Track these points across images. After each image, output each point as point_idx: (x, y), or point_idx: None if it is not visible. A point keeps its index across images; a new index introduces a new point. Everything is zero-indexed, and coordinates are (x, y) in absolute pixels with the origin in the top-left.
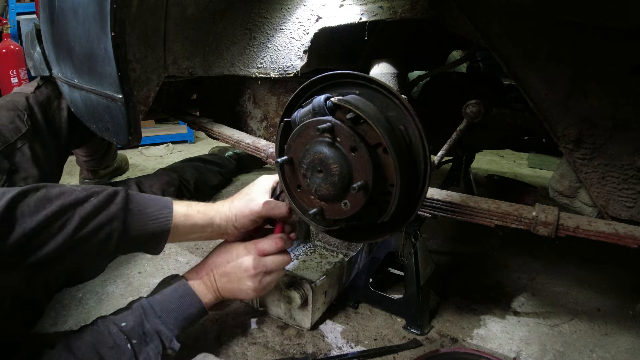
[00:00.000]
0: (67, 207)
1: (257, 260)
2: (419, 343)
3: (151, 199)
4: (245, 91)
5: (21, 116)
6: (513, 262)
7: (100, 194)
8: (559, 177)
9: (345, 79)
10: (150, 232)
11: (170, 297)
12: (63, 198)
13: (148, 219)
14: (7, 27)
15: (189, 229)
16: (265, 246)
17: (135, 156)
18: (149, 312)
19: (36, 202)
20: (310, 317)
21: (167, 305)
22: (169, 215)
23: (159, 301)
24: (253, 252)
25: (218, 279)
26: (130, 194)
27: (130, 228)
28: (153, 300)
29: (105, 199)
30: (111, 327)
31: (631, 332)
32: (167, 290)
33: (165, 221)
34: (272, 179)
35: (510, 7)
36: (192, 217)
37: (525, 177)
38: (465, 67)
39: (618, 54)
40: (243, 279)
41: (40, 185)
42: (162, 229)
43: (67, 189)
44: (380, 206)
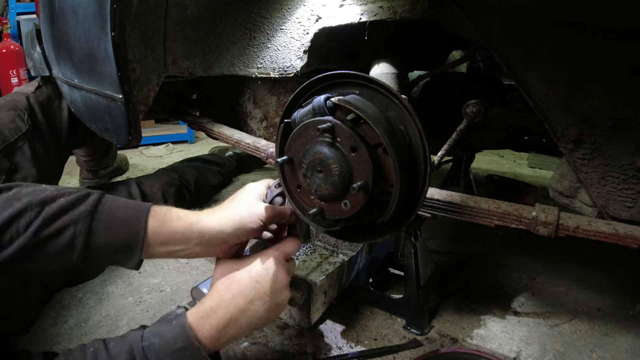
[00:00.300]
0: (33, 205)
1: (286, 266)
2: (419, 343)
3: (127, 203)
4: (245, 91)
5: (22, 116)
6: (513, 262)
7: (72, 194)
8: (559, 177)
9: (345, 79)
10: (120, 239)
11: (167, 349)
12: (31, 196)
13: (118, 224)
14: (7, 27)
15: (167, 238)
16: (289, 249)
17: (135, 156)
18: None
19: (5, 200)
20: (310, 317)
21: (163, 357)
22: (142, 221)
23: (155, 351)
24: (280, 259)
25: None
26: (105, 197)
27: (96, 232)
28: (149, 348)
29: (74, 200)
30: None
31: (631, 332)
32: (167, 336)
33: (136, 227)
34: (262, 185)
35: (510, 7)
36: (171, 224)
37: (525, 177)
38: (465, 67)
39: (618, 54)
40: (279, 291)
41: (14, 184)
42: (133, 236)
43: (39, 188)
44: (380, 206)
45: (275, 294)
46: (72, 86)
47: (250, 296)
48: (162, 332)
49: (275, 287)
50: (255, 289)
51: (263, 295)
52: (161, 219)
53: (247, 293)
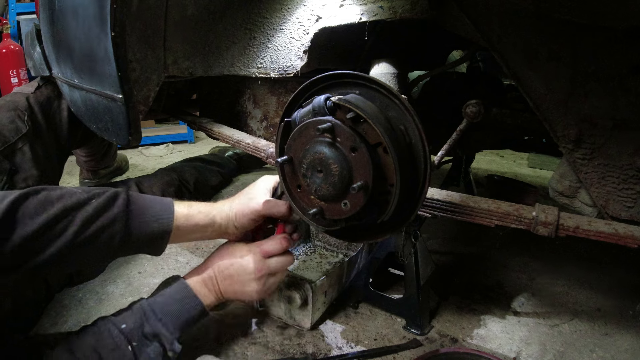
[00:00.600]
0: (68, 210)
1: (262, 262)
2: (419, 343)
3: (153, 200)
4: (245, 91)
5: (22, 116)
6: (513, 262)
7: (102, 195)
8: (559, 177)
9: (345, 79)
10: (152, 234)
11: (170, 299)
12: (64, 200)
13: (150, 221)
14: (7, 27)
15: (190, 229)
16: (270, 247)
17: (135, 156)
18: (149, 314)
19: (37, 205)
20: (310, 317)
21: (168, 308)
22: (171, 216)
23: (159, 303)
24: (257, 254)
25: (221, 282)
26: (132, 195)
27: (132, 230)
28: (154, 303)
29: (106, 201)
30: (111, 328)
31: (631, 332)
32: (168, 292)
33: (167, 222)
34: (274, 179)
35: (510, 7)
36: (194, 217)
37: (525, 177)
38: (465, 67)
39: (618, 54)
40: (247, 281)
41: (40, 187)
42: (163, 230)
43: (67, 191)
44: (380, 206)
45: (242, 281)
46: (72, 86)
47: (226, 272)
48: (163, 291)
49: (241, 275)
50: (229, 269)
51: (231, 275)
52: (185, 214)
53: (224, 268)
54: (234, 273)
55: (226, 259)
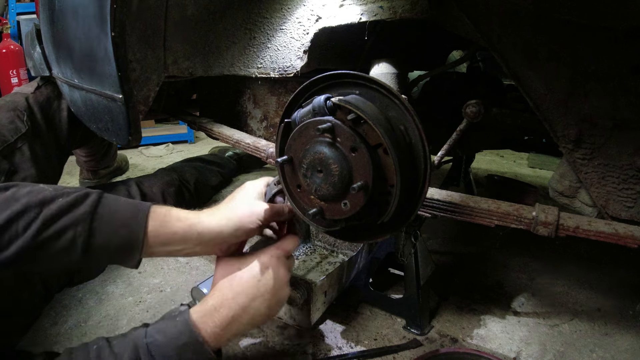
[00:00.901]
0: (31, 207)
1: (287, 262)
2: (419, 343)
3: (126, 203)
4: (245, 91)
5: (21, 116)
6: (513, 262)
7: (70, 195)
8: (559, 177)
9: (345, 79)
10: (121, 239)
11: (171, 344)
12: (29, 197)
13: (117, 225)
14: (7, 27)
15: (167, 238)
16: (289, 246)
17: (135, 156)
18: (145, 358)
19: (2, 201)
20: (310, 317)
21: (168, 353)
22: (142, 222)
23: (159, 346)
24: (278, 255)
25: (242, 313)
26: (104, 197)
27: (96, 233)
28: (152, 343)
29: (73, 201)
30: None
31: (631, 332)
32: (171, 333)
33: (136, 228)
34: (260, 184)
35: (510, 7)
36: (171, 225)
37: (525, 177)
38: (465, 67)
39: (618, 54)
40: (280, 287)
41: (13, 184)
42: (133, 236)
43: (36, 188)
44: (380, 206)
45: (277, 291)
46: (72, 86)
47: (252, 294)
48: (165, 328)
49: (276, 284)
50: (257, 287)
51: (264, 293)
52: (161, 219)
53: (249, 291)
54: (264, 290)
55: (247, 274)
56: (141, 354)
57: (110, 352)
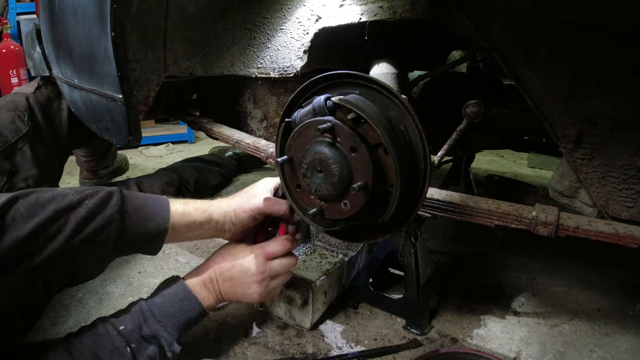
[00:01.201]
0: (60, 212)
1: (264, 265)
2: (419, 343)
3: (147, 198)
4: (245, 91)
5: (22, 117)
6: (513, 262)
7: (95, 196)
8: (559, 177)
9: (345, 79)
10: (148, 233)
11: (170, 301)
12: (56, 202)
13: (145, 220)
14: (7, 27)
15: (186, 227)
16: (273, 249)
17: (135, 156)
18: (148, 315)
19: (28, 208)
20: (310, 317)
21: (167, 309)
22: (166, 215)
23: (158, 304)
24: (259, 256)
25: (221, 283)
26: (125, 194)
27: (128, 230)
28: (152, 304)
29: (100, 202)
30: (110, 330)
31: (631, 332)
32: (167, 293)
33: (162, 221)
34: (274, 181)
35: (510, 7)
36: (190, 215)
37: (525, 177)
38: (465, 67)
39: (618, 54)
40: (249, 283)
41: (30, 190)
42: (159, 229)
43: (59, 193)
44: (380, 206)
45: (243, 283)
46: (72, 86)
47: (226, 274)
48: (162, 292)
49: (243, 278)
50: (229, 270)
51: (232, 278)
52: (181, 211)
53: (224, 270)
54: (235, 275)
55: (227, 260)
56: (145, 315)
57: (115, 321)
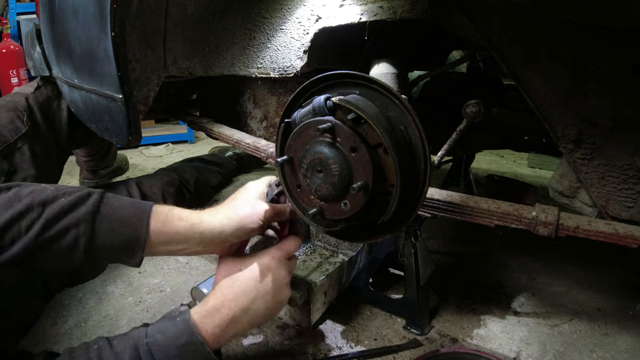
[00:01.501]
0: (33, 206)
1: (288, 264)
2: (419, 343)
3: (129, 203)
4: (245, 91)
5: (21, 117)
6: (513, 262)
7: (72, 194)
8: (559, 177)
9: (345, 79)
10: (122, 239)
11: (172, 344)
12: (32, 196)
13: (119, 225)
14: (7, 27)
15: (169, 238)
16: (290, 247)
17: (135, 156)
18: (145, 357)
19: (5, 201)
20: (310, 317)
21: (168, 352)
22: (144, 221)
23: (158, 345)
24: (282, 257)
25: (242, 314)
26: (107, 196)
27: (99, 233)
28: (152, 342)
29: (75, 200)
30: None
31: (631, 332)
32: (171, 332)
33: (139, 227)
34: (263, 183)
35: (510, 7)
36: (173, 225)
37: (525, 177)
38: (465, 67)
39: (618, 54)
40: (282, 288)
41: (13, 184)
42: (135, 237)
43: (38, 188)
44: (380, 206)
45: (277, 292)
46: (72, 86)
47: (252, 295)
48: (165, 328)
49: (277, 286)
50: (257, 288)
51: (265, 294)
52: (163, 219)
53: (249, 292)
54: (264, 291)
55: (245, 282)
56: (141, 354)
57: (110, 352)
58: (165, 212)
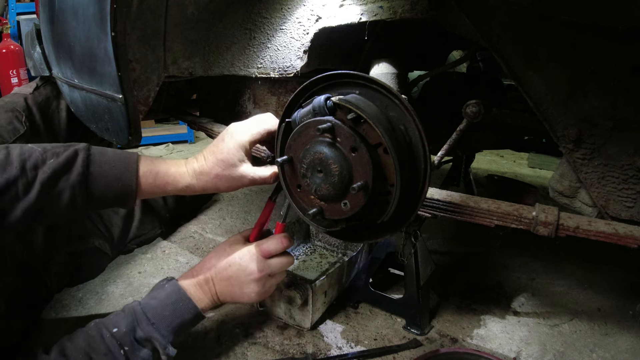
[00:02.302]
0: (26, 170)
1: (262, 263)
2: (419, 343)
3: (114, 156)
4: (245, 91)
5: (19, 117)
6: (513, 262)
7: (60, 155)
8: (559, 177)
9: (345, 79)
10: (115, 193)
11: (163, 303)
12: (22, 159)
13: (111, 181)
14: (7, 27)
15: (158, 189)
16: (270, 247)
17: None
18: (141, 318)
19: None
20: (310, 317)
21: (161, 312)
22: (133, 175)
23: (152, 307)
24: (257, 254)
25: (217, 283)
26: (92, 153)
27: (94, 191)
28: (146, 306)
29: (64, 162)
30: (104, 332)
31: (631, 332)
32: (161, 295)
33: (128, 181)
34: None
35: (510, 7)
36: (160, 180)
37: (525, 177)
38: (465, 67)
39: (618, 54)
40: (246, 282)
41: (3, 146)
42: (126, 190)
43: (27, 149)
44: (380, 206)
45: (241, 282)
46: (72, 86)
47: (222, 275)
48: (156, 294)
49: (241, 277)
50: (226, 270)
51: (229, 278)
52: (148, 170)
53: (221, 270)
54: (232, 274)
55: (223, 259)
56: (138, 317)
57: (109, 322)
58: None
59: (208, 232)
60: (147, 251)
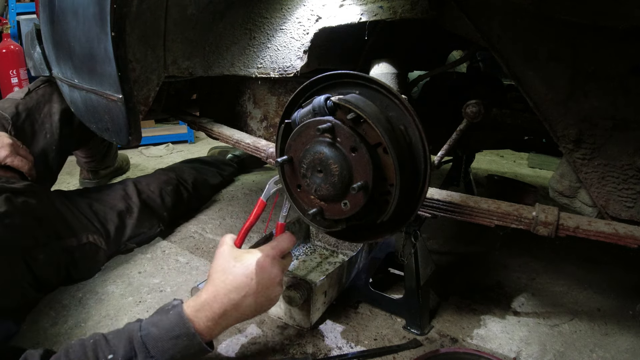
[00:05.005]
0: None
1: (281, 263)
2: (419, 343)
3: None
4: (245, 91)
5: (5, 125)
6: (513, 262)
7: None
8: (559, 177)
9: (345, 79)
10: None
11: (166, 335)
12: None
13: None
14: (7, 27)
15: None
16: (285, 245)
17: (136, 156)
18: (140, 349)
19: None
20: (310, 317)
21: (162, 344)
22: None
23: (153, 337)
24: (274, 256)
25: (242, 309)
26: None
27: None
28: (147, 335)
29: None
30: (100, 356)
31: (631, 332)
32: (164, 324)
33: None
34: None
35: (510, 7)
36: None
37: (525, 177)
38: (465, 67)
39: (618, 54)
40: (272, 287)
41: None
42: None
43: None
44: (380, 206)
45: (267, 290)
46: (72, 86)
47: (244, 292)
48: (159, 321)
49: (268, 284)
50: (249, 285)
51: (256, 291)
52: None
53: (241, 289)
54: (260, 288)
55: (240, 278)
56: (136, 347)
57: (106, 346)
58: None
59: (208, 232)
60: (147, 251)
